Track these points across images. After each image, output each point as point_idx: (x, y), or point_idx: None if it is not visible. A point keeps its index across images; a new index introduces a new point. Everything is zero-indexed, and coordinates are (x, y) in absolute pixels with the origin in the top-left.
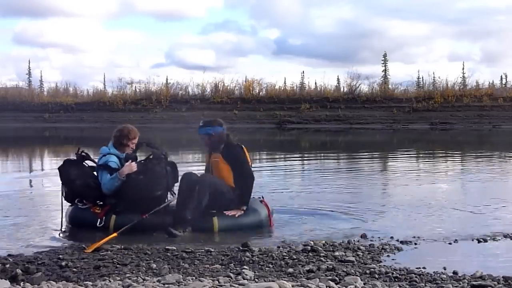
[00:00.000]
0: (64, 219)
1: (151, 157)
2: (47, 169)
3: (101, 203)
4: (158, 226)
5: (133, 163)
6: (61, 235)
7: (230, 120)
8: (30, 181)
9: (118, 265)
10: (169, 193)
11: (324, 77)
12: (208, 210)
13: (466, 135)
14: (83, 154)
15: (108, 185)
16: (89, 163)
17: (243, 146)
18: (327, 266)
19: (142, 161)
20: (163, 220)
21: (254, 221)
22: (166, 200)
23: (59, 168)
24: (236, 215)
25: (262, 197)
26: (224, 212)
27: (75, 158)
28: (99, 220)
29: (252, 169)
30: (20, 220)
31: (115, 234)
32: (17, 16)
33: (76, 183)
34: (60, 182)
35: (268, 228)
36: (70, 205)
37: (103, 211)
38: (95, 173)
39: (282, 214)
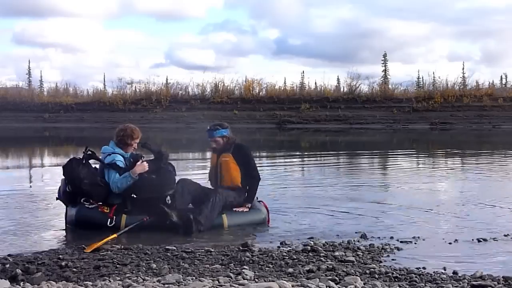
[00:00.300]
0: (66, 219)
1: (159, 157)
2: (47, 169)
3: (100, 202)
4: (160, 226)
5: (145, 162)
6: (61, 235)
7: (230, 120)
8: (30, 181)
9: (118, 265)
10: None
11: (324, 77)
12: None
13: (466, 135)
14: (89, 153)
15: (119, 183)
16: (92, 162)
17: (248, 147)
18: (327, 266)
19: (150, 160)
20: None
21: (258, 218)
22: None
23: (64, 167)
24: (244, 211)
25: (257, 198)
26: (233, 209)
27: (81, 157)
28: (109, 219)
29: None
30: (20, 220)
31: (115, 235)
32: (17, 16)
33: (85, 182)
34: (60, 181)
35: (266, 226)
36: (71, 205)
37: (111, 210)
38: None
39: (282, 214)
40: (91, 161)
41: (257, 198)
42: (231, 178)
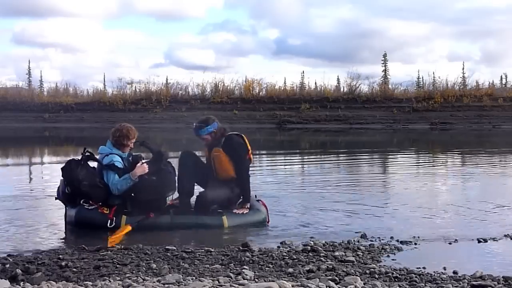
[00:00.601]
0: (66, 220)
1: (159, 157)
2: (47, 169)
3: (100, 203)
4: (161, 226)
5: (145, 164)
6: (61, 235)
7: (230, 120)
8: (30, 181)
9: (118, 265)
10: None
11: (324, 77)
12: (217, 210)
13: (466, 135)
14: (87, 154)
15: (119, 185)
16: (90, 163)
17: (243, 135)
18: (327, 266)
19: (150, 162)
20: (171, 220)
21: (258, 219)
22: (168, 200)
23: (63, 168)
24: (244, 213)
25: (255, 196)
26: (233, 210)
27: (80, 158)
28: (109, 220)
29: (253, 159)
30: (20, 220)
31: (129, 227)
32: (16, 16)
33: (84, 183)
34: (59, 182)
35: (266, 225)
36: (70, 206)
37: (111, 211)
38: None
39: (282, 214)
40: (89, 161)
41: (255, 197)
42: (225, 171)
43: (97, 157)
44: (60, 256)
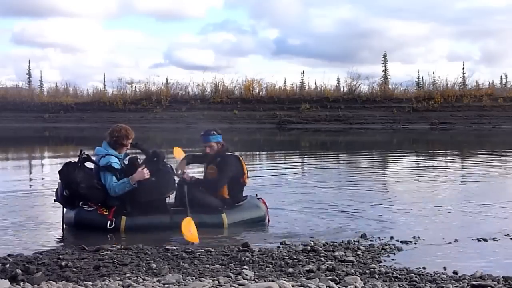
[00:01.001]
0: (64, 222)
1: (155, 159)
2: (47, 169)
3: (99, 204)
4: (165, 225)
5: (145, 170)
6: (61, 235)
7: (230, 120)
8: (30, 181)
9: (118, 265)
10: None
11: (324, 77)
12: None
13: (466, 135)
14: (84, 156)
15: (118, 189)
16: (87, 164)
17: (240, 158)
18: (327, 266)
19: (148, 163)
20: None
21: (257, 215)
22: (167, 200)
23: (60, 171)
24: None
25: (256, 195)
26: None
27: (77, 160)
28: (109, 222)
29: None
30: (20, 220)
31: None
32: (16, 16)
33: (82, 186)
34: (57, 185)
35: (266, 226)
36: (70, 208)
37: (111, 212)
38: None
39: (282, 214)
40: (86, 163)
41: (256, 195)
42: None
43: (94, 158)
44: (60, 256)
